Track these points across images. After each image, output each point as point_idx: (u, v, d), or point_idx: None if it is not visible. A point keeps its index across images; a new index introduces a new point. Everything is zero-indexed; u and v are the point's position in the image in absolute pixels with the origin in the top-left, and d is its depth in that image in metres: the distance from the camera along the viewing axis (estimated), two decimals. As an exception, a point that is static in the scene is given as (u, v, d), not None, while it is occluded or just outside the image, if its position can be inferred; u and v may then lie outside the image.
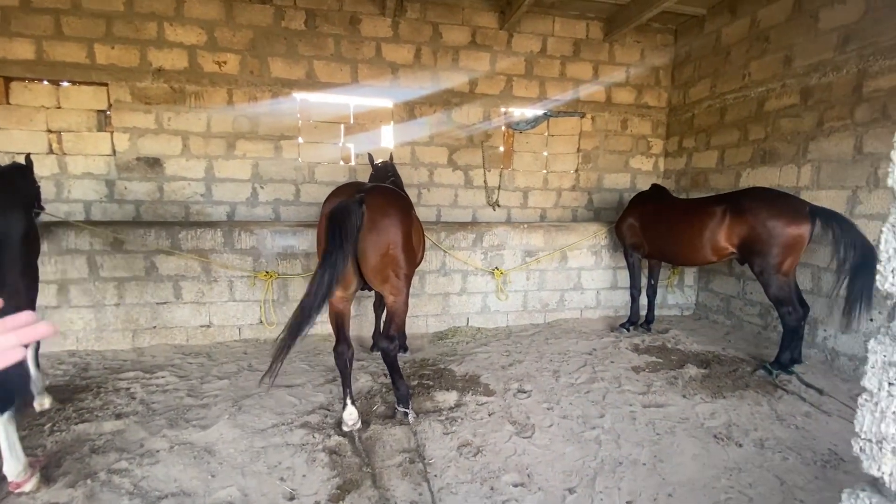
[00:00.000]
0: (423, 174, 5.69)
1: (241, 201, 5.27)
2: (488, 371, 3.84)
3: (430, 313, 4.90)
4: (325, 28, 5.19)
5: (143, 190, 5.03)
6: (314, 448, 2.67)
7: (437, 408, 3.22)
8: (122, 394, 3.30)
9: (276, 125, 5.25)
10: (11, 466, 2.22)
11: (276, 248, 4.46)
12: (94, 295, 4.10)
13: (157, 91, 4.93)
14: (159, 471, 2.44)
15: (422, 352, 4.34)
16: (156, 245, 4.16)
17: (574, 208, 6.20)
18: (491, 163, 5.84)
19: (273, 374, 2.36)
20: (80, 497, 2.23)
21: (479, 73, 5.63)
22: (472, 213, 5.90)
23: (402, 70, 5.44)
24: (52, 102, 4.85)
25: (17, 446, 2.25)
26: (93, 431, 2.81)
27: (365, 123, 5.57)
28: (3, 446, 2.20)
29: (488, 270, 4.95)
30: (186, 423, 2.91)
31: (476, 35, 5.57)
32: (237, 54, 5.05)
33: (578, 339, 4.67)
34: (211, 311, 4.36)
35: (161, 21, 4.86)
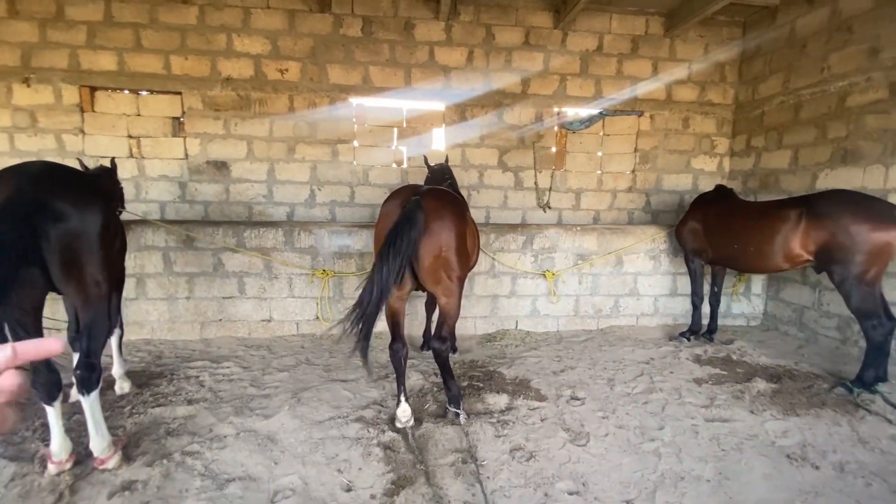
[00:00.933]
0: (473, 176, 5.70)
1: (299, 202, 5.51)
2: (539, 376, 3.77)
3: (479, 315, 4.89)
4: (380, 34, 5.32)
5: (212, 191, 5.37)
6: (369, 442, 2.73)
7: (487, 410, 3.21)
8: (192, 381, 3.53)
9: (333, 130, 5.44)
10: (97, 443, 2.42)
11: (333, 248, 4.62)
12: (168, 288, 4.43)
13: (226, 98, 5.25)
14: (227, 455, 2.59)
15: (470, 353, 4.34)
16: (223, 243, 4.43)
17: (630, 210, 5.98)
18: (542, 164, 5.75)
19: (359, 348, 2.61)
20: (157, 476, 2.41)
21: (532, 73, 5.56)
22: (521, 215, 5.84)
23: (455, 72, 5.48)
24: (132, 110, 5.28)
25: (102, 425, 2.45)
26: (167, 415, 3.02)
27: (417, 126, 5.66)
28: (89, 424, 2.41)
29: (538, 273, 4.87)
30: (250, 411, 3.07)
31: (530, 35, 5.51)
32: (298, 62, 5.28)
33: (634, 347, 4.49)
34: (271, 307, 4.59)
35: (230, 32, 5.17)
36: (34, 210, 2.11)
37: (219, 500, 2.25)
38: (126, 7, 4.98)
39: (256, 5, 5.14)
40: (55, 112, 5.08)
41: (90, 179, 2.82)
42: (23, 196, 2.10)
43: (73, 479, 2.32)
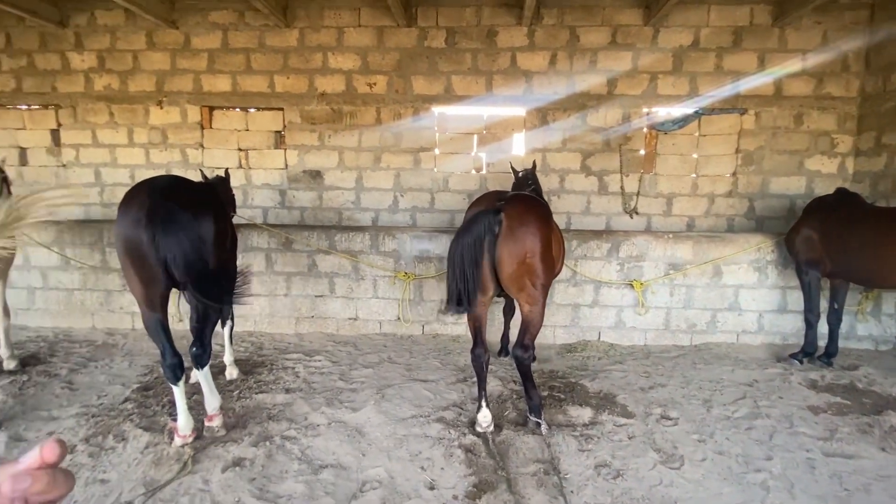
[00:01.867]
0: (554, 181, 5.58)
1: (384, 208, 5.78)
2: (625, 391, 3.58)
3: (559, 324, 4.76)
4: (463, 43, 5.43)
5: (307, 198, 5.83)
6: (450, 443, 2.77)
7: (570, 422, 3.11)
8: (289, 372, 3.84)
9: (415, 138, 5.65)
10: (211, 402, 2.85)
11: (414, 252, 4.78)
12: (269, 286, 4.87)
13: (320, 112, 5.68)
14: (320, 443, 2.78)
15: (550, 363, 4.24)
16: (317, 245, 4.79)
17: (730, 217, 5.47)
18: (629, 167, 5.47)
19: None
20: (261, 455, 2.65)
21: (619, 73, 5.33)
22: (605, 221, 5.59)
23: (536, 77, 5.42)
24: (242, 126, 5.91)
25: (214, 389, 2.88)
26: (268, 401, 3.32)
27: (497, 132, 5.68)
28: (204, 389, 2.84)
29: (625, 283, 4.62)
30: (340, 403, 3.27)
31: (617, 34, 5.30)
32: (385, 75, 5.56)
33: (735, 367, 4.09)
34: (357, 306, 4.85)
35: (325, 51, 5.60)
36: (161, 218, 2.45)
37: (314, 483, 2.42)
38: (240, 34, 5.60)
39: (349, 24, 5.50)
40: (181, 129, 5.84)
41: (209, 189, 3.20)
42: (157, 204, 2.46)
43: (194, 452, 2.64)
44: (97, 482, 2.41)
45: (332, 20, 5.49)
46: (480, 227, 2.70)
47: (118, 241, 2.57)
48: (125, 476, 2.45)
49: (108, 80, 5.74)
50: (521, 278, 2.77)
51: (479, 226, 2.70)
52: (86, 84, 5.76)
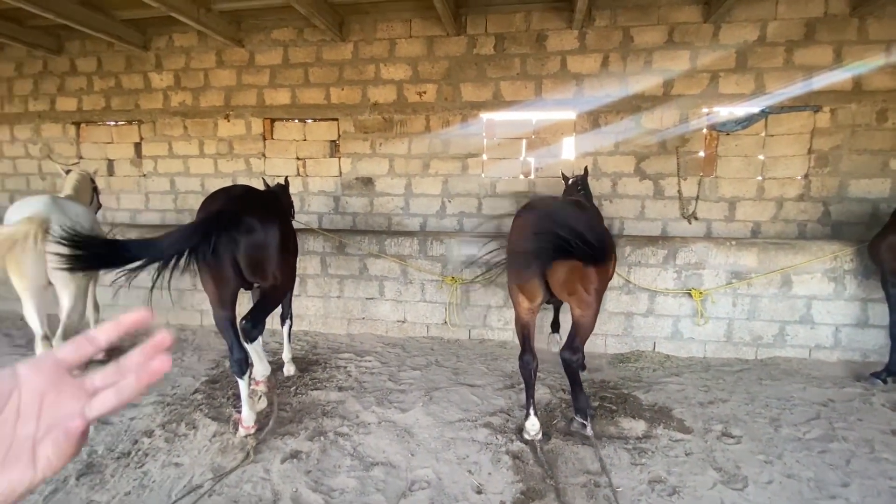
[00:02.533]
0: (606, 185, 5.43)
1: (431, 213, 5.88)
2: (682, 405, 3.42)
3: (610, 333, 4.62)
4: (512, 49, 5.44)
5: (359, 204, 6.04)
6: (498, 449, 2.78)
7: (622, 434, 3.01)
8: (342, 371, 4.00)
9: (463, 145, 5.70)
10: (260, 369, 2.99)
11: (461, 256, 4.82)
12: (323, 287, 5.09)
13: (372, 122, 5.88)
14: (371, 441, 2.87)
15: (600, 372, 4.12)
16: (368, 250, 4.95)
17: (802, 222, 5.08)
18: (687, 170, 5.22)
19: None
20: (316, 450, 2.78)
21: (676, 72, 5.12)
22: (661, 227, 5.37)
23: (587, 80, 5.32)
24: (300, 136, 6.23)
25: (263, 357, 3.01)
26: (323, 398, 3.47)
27: (546, 137, 5.62)
28: (254, 358, 2.94)
29: (682, 291, 4.41)
30: (389, 403, 3.36)
31: (674, 33, 5.09)
32: (434, 84, 5.67)
33: (806, 384, 3.79)
34: (406, 309, 4.96)
35: (378, 63, 5.79)
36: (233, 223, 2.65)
37: (365, 480, 2.51)
38: (299, 50, 5.93)
39: (401, 36, 5.67)
40: (245, 141, 6.25)
41: (275, 198, 3.42)
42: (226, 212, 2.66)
43: (256, 443, 2.81)
44: (172, 465, 2.63)
45: (385, 32, 5.69)
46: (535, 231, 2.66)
47: None
48: (196, 461, 2.66)
49: (183, 96, 6.26)
50: (573, 283, 2.73)
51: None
52: (164, 101, 6.31)
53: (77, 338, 0.46)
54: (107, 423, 3.11)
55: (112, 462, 2.66)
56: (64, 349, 0.46)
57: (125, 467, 2.61)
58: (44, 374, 0.44)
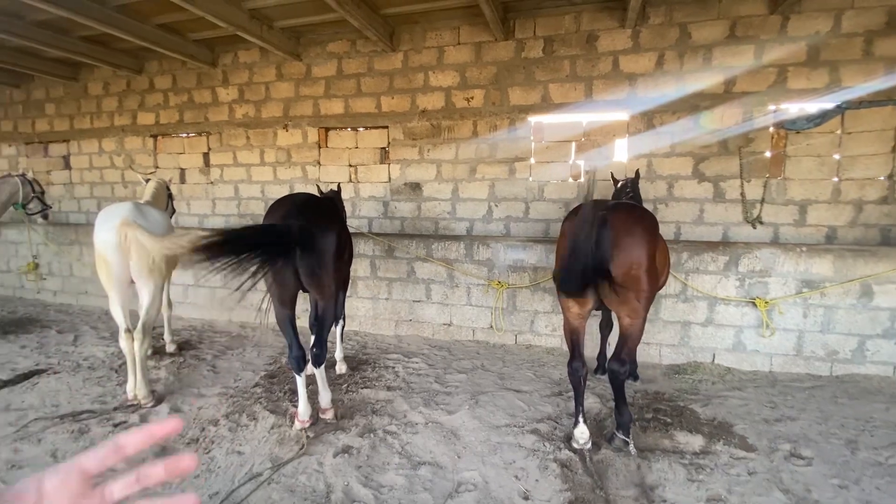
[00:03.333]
0: (661, 188, 5.22)
1: (478, 218, 5.90)
2: (745, 421, 3.21)
3: (665, 343, 4.42)
4: (561, 51, 5.37)
5: (407, 209, 6.18)
6: (545, 456, 2.74)
7: (677, 449, 2.88)
8: (390, 371, 4.10)
9: (511, 149, 5.69)
10: (325, 397, 3.19)
11: (508, 261, 4.81)
12: (373, 289, 5.25)
13: (421, 128, 6.00)
14: (419, 440, 2.93)
15: (654, 383, 3.96)
16: (415, 253, 5.05)
17: (885, 227, 4.62)
18: (751, 171, 4.91)
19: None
20: (366, 446, 2.87)
21: (739, 69, 4.84)
22: (721, 231, 5.07)
23: (641, 80, 5.15)
24: (352, 144, 6.46)
25: (327, 385, 3.21)
26: (372, 397, 3.58)
27: (597, 139, 5.49)
28: (320, 385, 3.17)
29: (746, 300, 4.15)
30: (436, 405, 3.41)
31: (736, 27, 4.83)
32: (482, 89, 5.71)
33: (890, 404, 3.44)
34: (452, 312, 5.01)
35: (427, 71, 5.91)
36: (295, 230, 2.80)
37: (413, 478, 2.56)
38: (352, 61, 6.17)
39: (449, 43, 5.76)
40: (302, 149, 6.58)
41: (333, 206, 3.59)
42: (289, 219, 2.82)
43: (311, 436, 2.94)
44: (235, 453, 2.81)
45: (434, 41, 5.80)
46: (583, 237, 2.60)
47: None
48: (256, 451, 2.83)
49: (246, 109, 6.69)
50: (625, 290, 2.65)
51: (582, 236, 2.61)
52: (229, 113, 6.77)
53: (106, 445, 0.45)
54: (178, 410, 3.37)
55: (183, 446, 2.88)
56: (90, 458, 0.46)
57: (194, 452, 2.82)
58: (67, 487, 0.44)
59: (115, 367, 4.14)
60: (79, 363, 4.27)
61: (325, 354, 3.14)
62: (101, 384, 3.81)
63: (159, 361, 4.30)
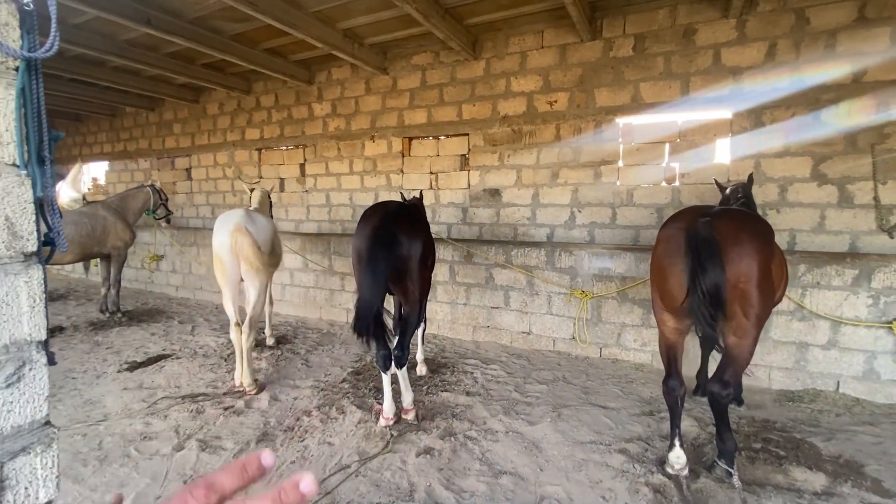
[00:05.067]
0: (771, 191, 4.68)
1: (559, 224, 5.73)
2: (879, 462, 2.76)
3: (776, 365, 3.95)
4: (653, 48, 5.06)
5: (486, 215, 6.19)
6: (636, 479, 2.57)
7: (793, 486, 2.55)
8: (468, 376, 4.11)
9: (596, 152, 5.47)
10: (407, 397, 3.29)
11: (592, 270, 4.61)
12: (451, 294, 5.32)
13: (501, 134, 5.99)
14: (499, 449, 2.90)
15: (762, 410, 3.54)
16: (494, 259, 5.04)
17: None
18: (887, 172, 4.22)
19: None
20: (447, 449, 2.90)
21: (871, 56, 4.20)
22: (848, 241, 4.42)
23: (747, 73, 4.67)
24: (433, 152, 6.63)
25: (409, 385, 3.32)
26: (452, 401, 3.61)
27: (694, 139, 5.08)
28: (402, 385, 3.28)
29: (880, 322, 3.57)
30: (516, 414, 3.35)
31: (866, 7, 4.20)
32: (566, 92, 5.56)
33: None
34: (531, 321, 4.91)
35: (508, 77, 5.90)
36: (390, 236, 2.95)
37: (494, 487, 2.54)
38: (435, 72, 6.35)
39: (532, 48, 5.70)
40: (386, 158, 6.89)
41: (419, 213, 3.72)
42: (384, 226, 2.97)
43: (395, 434, 3.05)
44: (326, 443, 2.99)
45: (516, 46, 5.77)
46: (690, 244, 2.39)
47: (354, 251, 3.17)
48: (345, 443, 2.99)
49: (338, 122, 7.17)
50: (732, 306, 2.41)
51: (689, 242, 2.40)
52: (323, 127, 7.30)
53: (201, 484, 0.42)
54: (277, 399, 3.68)
55: (281, 433, 3.13)
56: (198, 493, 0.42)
57: (290, 440, 3.05)
58: None
59: (225, 356, 4.62)
60: (195, 350, 4.83)
61: (406, 357, 3.24)
62: (213, 370, 4.28)
63: (261, 353, 4.73)
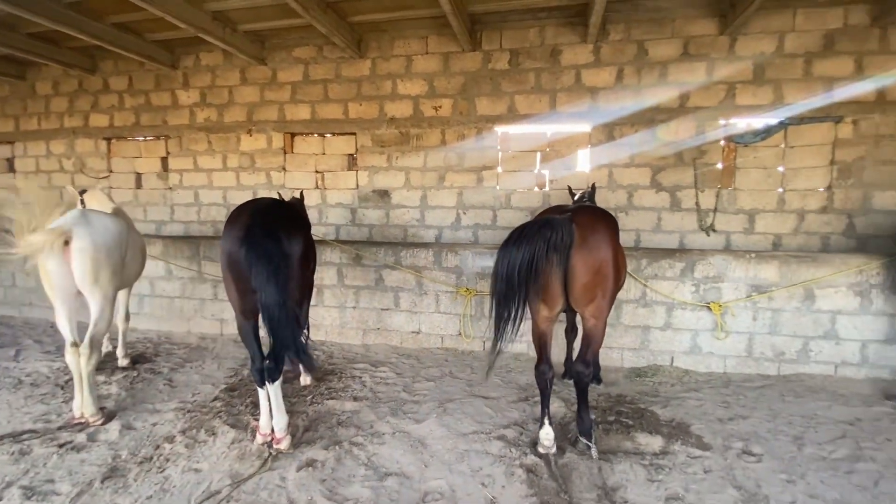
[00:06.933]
0: (621, 197, 5.41)
1: (446, 225, 5.93)
2: (701, 421, 3.35)
3: (627, 346, 4.57)
4: (526, 64, 5.51)
5: (375, 216, 6.14)
6: (512, 462, 2.76)
7: (638, 450, 2.97)
8: (357, 381, 4.04)
9: (478, 158, 5.77)
10: (280, 422, 2.87)
11: (476, 268, 4.86)
12: (340, 298, 5.17)
13: (389, 136, 6.00)
14: (385, 451, 2.89)
15: (616, 386, 4.07)
16: (384, 261, 5.02)
17: (825, 235, 4.96)
18: (705, 182, 5.17)
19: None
20: (331, 459, 2.81)
21: (692, 85, 5.11)
22: (678, 239, 5.31)
23: (602, 93, 5.34)
24: (319, 150, 6.38)
25: (282, 407, 2.90)
26: (338, 408, 3.51)
27: (561, 149, 5.64)
28: (273, 404, 2.87)
29: (701, 305, 4.35)
30: (404, 414, 3.38)
31: (689, 46, 5.10)
32: (450, 98, 5.77)
33: (832, 402, 3.67)
34: (420, 320, 5.00)
35: (395, 79, 5.93)
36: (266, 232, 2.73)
37: (379, 490, 2.52)
38: (319, 67, 6.11)
39: (417, 52, 5.80)
40: (266, 155, 6.43)
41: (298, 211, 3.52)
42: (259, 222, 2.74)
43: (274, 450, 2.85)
44: (192, 471, 2.69)
45: (402, 49, 5.83)
46: (553, 236, 2.57)
47: (222, 255, 2.85)
48: (215, 467, 2.72)
49: (208, 112, 6.49)
50: (595, 289, 2.73)
51: (552, 235, 2.58)
52: (190, 117, 6.55)
53: None
54: (130, 427, 3.20)
55: (135, 466, 2.73)
56: None
57: (147, 472, 2.68)
58: None
59: (62, 384, 3.89)
60: (20, 379, 3.98)
61: (280, 370, 2.87)
62: (44, 402, 3.57)
63: (111, 376, 4.07)
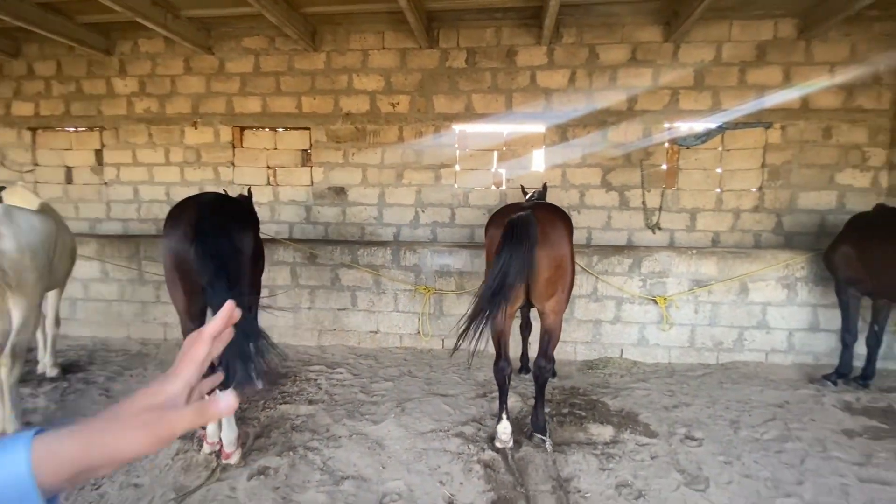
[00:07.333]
0: (574, 196, 5.59)
1: (405, 223, 5.88)
2: (648, 410, 3.52)
3: (580, 340, 4.72)
4: (483, 63, 5.56)
5: (331, 214, 5.99)
6: (469, 458, 2.79)
7: (590, 441, 3.08)
8: (312, 383, 3.93)
9: (436, 155, 5.76)
10: (228, 435, 2.70)
11: (434, 266, 4.85)
12: (294, 299, 5.01)
13: (345, 131, 5.87)
14: (342, 454, 2.83)
15: (570, 379, 4.20)
16: (340, 260, 4.91)
17: (757, 232, 5.35)
18: (651, 182, 5.43)
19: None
20: (285, 465, 2.72)
21: (640, 89, 5.34)
22: (627, 237, 5.55)
23: (556, 94, 5.48)
24: (270, 145, 6.14)
25: (232, 421, 2.74)
26: (292, 412, 3.40)
27: (517, 149, 5.74)
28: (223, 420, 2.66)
29: (647, 299, 4.57)
30: (361, 416, 3.32)
31: (637, 51, 5.33)
32: (407, 95, 5.73)
33: (764, 387, 3.97)
34: (378, 319, 4.93)
35: (350, 73, 5.80)
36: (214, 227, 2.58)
37: (335, 494, 2.47)
38: (270, 58, 5.88)
39: (374, 47, 5.71)
40: (214, 149, 6.12)
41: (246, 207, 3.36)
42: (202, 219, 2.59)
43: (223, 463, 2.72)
44: (131, 486, 2.51)
45: (358, 43, 5.71)
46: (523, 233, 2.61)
47: (166, 254, 2.68)
48: (157, 481, 2.56)
49: (148, 103, 6.09)
50: (556, 284, 2.79)
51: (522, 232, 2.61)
52: (128, 107, 6.12)
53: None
54: (60, 443, 2.95)
55: (65, 485, 2.52)
56: (190, 369, 0.60)
57: (80, 490, 2.48)
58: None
59: (-22, 398, 3.52)
60: (-73, 396, 3.57)
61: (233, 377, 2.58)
62: (-43, 419, 3.22)
63: (37, 388, 3.74)
